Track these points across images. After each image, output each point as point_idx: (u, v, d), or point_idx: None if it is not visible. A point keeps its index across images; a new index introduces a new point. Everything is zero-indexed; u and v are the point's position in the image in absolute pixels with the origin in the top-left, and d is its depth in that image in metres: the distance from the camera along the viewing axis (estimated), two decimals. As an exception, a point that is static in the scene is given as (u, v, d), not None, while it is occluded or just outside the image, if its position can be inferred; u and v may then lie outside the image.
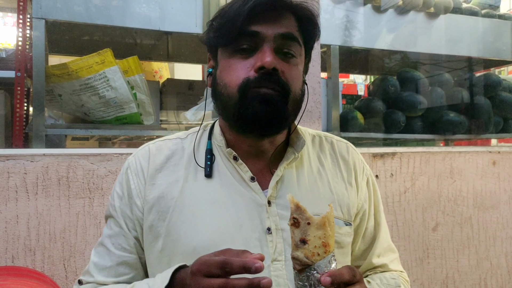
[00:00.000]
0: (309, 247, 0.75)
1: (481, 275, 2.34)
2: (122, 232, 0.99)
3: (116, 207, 1.00)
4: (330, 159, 1.07)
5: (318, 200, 0.99)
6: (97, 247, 1.02)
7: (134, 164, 1.02)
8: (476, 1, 3.06)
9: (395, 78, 2.82)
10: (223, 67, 0.94)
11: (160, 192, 0.97)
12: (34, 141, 1.79)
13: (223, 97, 0.93)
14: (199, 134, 1.05)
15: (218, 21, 0.94)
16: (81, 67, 1.87)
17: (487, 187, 2.36)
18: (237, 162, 0.98)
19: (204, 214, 0.94)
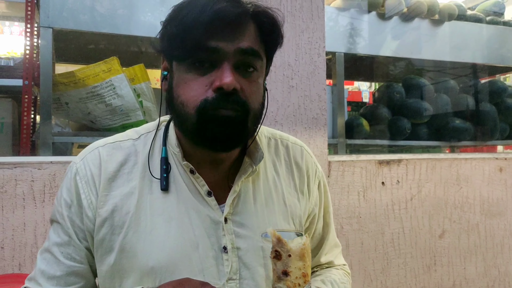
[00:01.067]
0: (290, 278, 0.77)
1: (488, 282, 2.32)
2: (72, 242, 0.92)
3: (64, 215, 0.92)
4: (285, 166, 1.05)
5: (272, 215, 0.98)
6: (44, 252, 0.95)
7: (84, 170, 0.93)
8: (481, 8, 3.07)
9: (400, 85, 2.83)
10: (179, 81, 0.87)
11: (114, 205, 0.90)
12: (41, 148, 1.80)
13: (180, 114, 0.88)
14: (152, 136, 0.98)
15: (173, 29, 0.85)
16: (88, 75, 1.88)
17: (494, 193, 2.35)
18: (194, 175, 0.93)
19: (161, 231, 0.89)
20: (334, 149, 2.42)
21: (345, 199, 2.05)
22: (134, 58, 2.61)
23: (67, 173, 0.96)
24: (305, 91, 1.96)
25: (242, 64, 0.86)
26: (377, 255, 2.10)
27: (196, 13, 0.82)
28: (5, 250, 1.54)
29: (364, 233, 2.08)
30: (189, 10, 0.83)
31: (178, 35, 0.84)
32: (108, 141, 0.97)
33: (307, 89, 1.97)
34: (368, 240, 2.08)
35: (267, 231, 0.81)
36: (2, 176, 1.56)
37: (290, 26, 1.95)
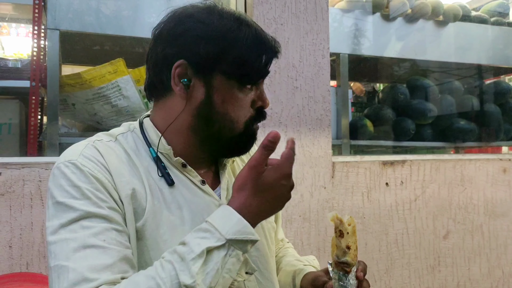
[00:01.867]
0: (351, 251, 0.93)
1: (492, 283, 2.32)
2: (114, 226, 0.84)
3: (97, 202, 0.84)
4: (246, 156, 1.14)
5: None
6: (75, 253, 0.80)
7: (90, 162, 0.89)
8: (485, 9, 3.07)
9: (404, 86, 2.83)
10: (228, 99, 0.94)
11: (131, 190, 0.89)
12: (48, 149, 1.82)
13: (225, 127, 0.95)
14: (130, 136, 1.00)
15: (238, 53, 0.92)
16: (94, 77, 1.90)
17: (498, 194, 2.35)
18: (186, 168, 0.98)
19: (175, 217, 0.93)
20: (338, 150, 2.43)
21: (349, 200, 2.05)
22: (139, 59, 2.62)
23: (69, 171, 0.87)
24: (309, 92, 1.97)
25: None
26: (381, 256, 2.11)
27: (265, 43, 0.95)
28: (13, 249, 1.57)
29: (368, 234, 2.09)
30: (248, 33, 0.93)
31: (255, 58, 0.94)
32: (91, 139, 0.95)
33: (311, 90, 1.98)
34: (372, 241, 2.09)
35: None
36: (10, 176, 1.58)
37: (294, 27, 1.96)
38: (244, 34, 0.93)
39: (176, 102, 0.96)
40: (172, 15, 0.98)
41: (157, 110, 1.01)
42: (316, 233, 1.97)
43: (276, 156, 0.86)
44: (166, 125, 0.98)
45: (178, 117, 0.96)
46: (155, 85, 0.98)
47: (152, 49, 0.98)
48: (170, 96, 0.97)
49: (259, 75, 0.96)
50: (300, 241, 1.93)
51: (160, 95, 0.99)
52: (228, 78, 0.94)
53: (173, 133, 0.98)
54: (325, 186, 1.99)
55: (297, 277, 1.09)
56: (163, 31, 0.97)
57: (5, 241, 1.56)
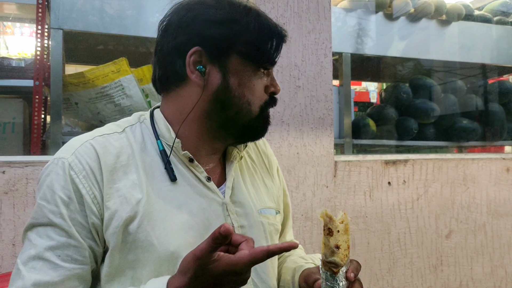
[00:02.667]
0: (341, 251, 0.88)
1: (495, 283, 2.32)
2: (72, 242, 0.86)
3: (63, 214, 0.86)
4: (255, 154, 1.15)
5: (260, 194, 1.08)
6: (30, 261, 0.85)
7: (79, 164, 0.88)
8: (488, 8, 3.06)
9: (407, 85, 2.83)
10: (245, 81, 0.96)
11: (122, 196, 0.89)
12: (51, 148, 1.83)
13: (241, 110, 0.96)
14: (138, 128, 0.99)
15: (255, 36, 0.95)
16: (97, 76, 1.91)
17: (501, 194, 2.35)
18: (192, 163, 0.97)
19: (173, 217, 0.91)
20: (340, 149, 2.43)
21: (351, 199, 2.06)
22: (143, 59, 2.63)
23: (54, 170, 0.89)
24: (311, 92, 1.98)
25: None
26: (383, 255, 2.11)
27: (274, 28, 0.97)
28: (16, 247, 1.57)
29: (370, 233, 2.09)
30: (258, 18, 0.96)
31: (266, 42, 0.96)
32: (94, 134, 0.94)
33: (314, 89, 1.98)
34: (374, 240, 2.09)
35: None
36: (14, 175, 1.59)
37: (296, 27, 1.97)
38: (254, 18, 0.95)
39: (191, 90, 0.95)
40: (179, 5, 0.97)
41: (169, 101, 0.99)
42: (318, 232, 1.97)
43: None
44: (179, 115, 0.97)
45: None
46: (168, 76, 0.97)
47: (161, 41, 0.98)
48: (184, 85, 0.96)
49: (271, 58, 0.97)
50: (302, 240, 1.94)
51: (172, 86, 0.97)
52: (244, 60, 0.95)
53: (184, 125, 0.97)
54: (327, 185, 2.00)
55: (296, 274, 1.08)
56: (172, 21, 0.97)
57: (8, 239, 1.57)
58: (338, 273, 0.89)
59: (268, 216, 1.06)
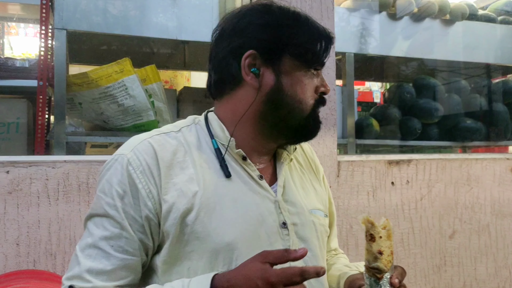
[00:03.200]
0: (384, 256, 0.88)
1: (499, 283, 2.31)
2: (124, 234, 0.92)
3: (117, 206, 0.92)
4: (302, 158, 1.18)
5: (308, 196, 1.10)
6: (87, 249, 0.92)
7: (137, 160, 0.95)
8: (492, 8, 3.05)
9: (411, 85, 2.82)
10: (297, 81, 1.00)
11: (178, 190, 0.94)
12: (55, 148, 1.84)
13: (293, 109, 1.00)
14: (194, 128, 1.05)
15: (305, 37, 1.00)
16: (101, 76, 1.91)
17: (505, 194, 2.34)
18: (245, 162, 1.02)
19: (229, 211, 0.95)
20: (344, 149, 2.43)
21: (354, 199, 2.05)
22: (146, 59, 2.64)
23: (114, 165, 0.96)
24: (314, 92, 1.97)
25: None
26: (387, 255, 2.11)
27: (323, 30, 1.02)
28: (20, 246, 1.58)
29: (374, 233, 2.08)
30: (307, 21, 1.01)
31: (316, 43, 1.00)
32: (152, 133, 1.01)
33: (317, 89, 1.98)
34: (377, 240, 2.09)
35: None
36: (18, 175, 1.60)
37: (300, 27, 1.96)
38: (304, 21, 1.01)
39: (246, 92, 1.01)
40: (231, 14, 1.04)
41: (223, 104, 1.05)
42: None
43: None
44: (233, 117, 1.02)
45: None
46: (224, 80, 1.03)
47: (215, 47, 1.05)
48: (239, 88, 1.01)
49: (321, 59, 1.01)
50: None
51: (227, 89, 1.03)
52: (295, 61, 1.00)
53: (238, 125, 1.02)
54: (331, 185, 1.99)
55: (341, 280, 1.09)
56: (225, 29, 1.03)
57: (12, 238, 1.58)
58: (382, 279, 0.89)
59: (318, 217, 1.09)
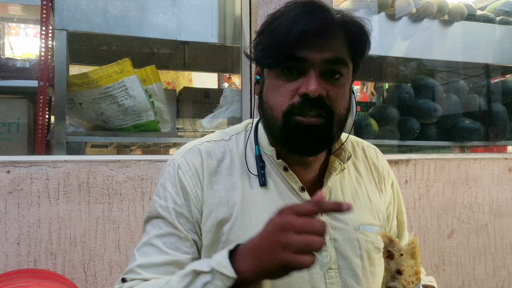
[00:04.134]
0: (404, 276, 0.80)
1: (498, 283, 2.32)
2: (177, 233, 0.95)
3: (169, 208, 0.96)
4: (364, 166, 1.11)
5: (360, 209, 1.03)
6: (142, 247, 0.97)
7: (186, 165, 0.99)
8: (491, 8, 3.06)
9: (409, 85, 2.83)
10: (269, 87, 0.95)
11: (219, 198, 0.96)
12: (55, 148, 1.85)
13: (269, 117, 0.95)
14: (243, 136, 1.05)
15: (265, 39, 0.93)
16: (101, 76, 1.92)
17: (503, 194, 2.35)
18: (287, 172, 0.99)
19: (263, 223, 0.91)
20: (343, 149, 2.43)
21: (353, 199, 2.06)
22: (146, 59, 2.65)
23: (167, 170, 1.00)
24: (313, 92, 1.98)
25: (328, 71, 0.91)
26: (385, 254, 2.11)
27: (287, 25, 0.88)
28: (21, 246, 1.59)
29: (372, 232, 2.09)
30: (281, 21, 0.90)
31: (270, 45, 0.91)
32: (203, 140, 1.04)
33: (316, 89, 1.99)
34: (376, 239, 2.10)
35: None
36: (18, 175, 1.61)
37: (298, 27, 1.97)
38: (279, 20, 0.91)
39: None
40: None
41: None
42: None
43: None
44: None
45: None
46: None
47: None
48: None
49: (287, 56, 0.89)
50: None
51: None
52: (270, 68, 0.94)
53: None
54: (329, 185, 2.00)
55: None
56: None
57: (13, 238, 1.59)
58: None
59: (366, 233, 1.01)
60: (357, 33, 0.93)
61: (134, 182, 1.71)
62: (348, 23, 0.92)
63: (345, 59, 0.92)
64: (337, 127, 0.94)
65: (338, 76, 0.92)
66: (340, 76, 0.92)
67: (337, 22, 0.90)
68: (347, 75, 0.94)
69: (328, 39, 0.90)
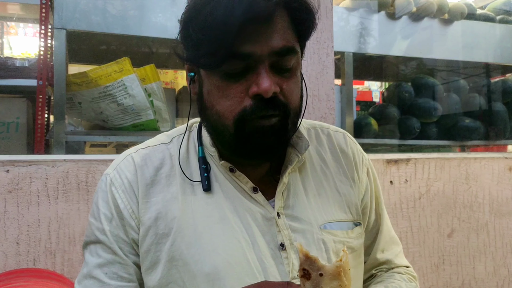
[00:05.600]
0: None
1: (498, 282, 2.32)
2: (117, 259, 0.85)
3: (106, 230, 0.85)
4: (330, 154, 0.98)
5: (327, 205, 0.92)
6: (83, 280, 0.86)
7: (119, 178, 0.87)
8: (491, 7, 3.05)
9: (409, 84, 2.83)
10: (211, 89, 0.81)
11: (157, 211, 0.84)
12: (55, 147, 1.84)
13: (215, 124, 0.82)
14: (185, 138, 0.93)
15: (197, 33, 0.77)
16: (100, 76, 1.92)
17: (503, 193, 2.34)
18: (234, 173, 0.87)
19: (211, 234, 0.83)
20: (342, 148, 2.43)
21: (353, 198, 2.06)
22: (145, 58, 2.65)
23: (101, 186, 0.89)
24: (313, 91, 1.98)
25: (278, 63, 0.79)
26: (385, 254, 2.11)
27: (222, 14, 0.73)
28: (20, 245, 1.59)
29: (372, 232, 2.09)
30: (212, 8, 0.75)
31: (204, 41, 0.76)
32: (139, 147, 0.93)
33: (316, 88, 1.99)
34: (376, 239, 2.09)
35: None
36: (17, 174, 1.60)
37: (298, 26, 1.97)
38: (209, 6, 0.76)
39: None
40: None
41: None
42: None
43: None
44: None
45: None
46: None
47: None
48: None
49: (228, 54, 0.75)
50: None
51: None
52: (208, 69, 0.80)
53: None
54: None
55: None
56: None
57: (12, 237, 1.58)
58: None
59: (334, 232, 0.89)
60: (303, 11, 0.81)
61: (133, 181, 1.70)
62: (291, 1, 0.79)
63: (294, 47, 0.80)
64: (292, 122, 0.84)
65: (289, 67, 0.81)
66: (290, 67, 0.81)
67: (279, 2, 0.77)
68: (297, 61, 0.83)
69: (272, 25, 0.76)
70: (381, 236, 1.03)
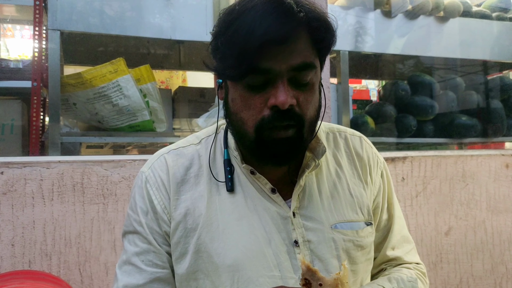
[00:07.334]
0: None
1: (496, 279, 2.32)
2: (152, 249, 0.95)
3: (142, 223, 0.96)
4: (346, 157, 1.06)
5: (339, 206, 0.99)
6: (123, 266, 0.97)
7: (153, 177, 0.98)
8: (487, 4, 3.06)
9: (405, 82, 2.83)
10: (236, 98, 0.89)
11: (186, 208, 0.94)
12: (50, 148, 1.84)
13: (239, 129, 0.91)
14: (213, 140, 1.01)
15: (224, 47, 0.86)
16: (95, 76, 1.92)
17: (500, 190, 2.34)
18: (255, 175, 0.95)
19: (233, 230, 0.92)
20: (339, 147, 2.43)
21: (350, 197, 2.05)
22: (141, 59, 2.65)
23: (137, 182, 1.00)
24: (309, 90, 1.98)
25: (296, 78, 0.86)
26: (383, 252, 2.11)
27: (246, 32, 0.81)
28: (15, 247, 1.58)
29: (370, 230, 2.09)
30: (238, 25, 0.83)
31: (229, 56, 0.84)
32: (171, 148, 1.02)
33: (311, 87, 1.98)
34: (373, 237, 2.09)
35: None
36: (12, 176, 1.60)
37: (293, 25, 1.97)
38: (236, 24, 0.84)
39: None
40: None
41: None
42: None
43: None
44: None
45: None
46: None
47: None
48: None
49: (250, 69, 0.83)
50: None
51: None
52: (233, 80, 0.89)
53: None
54: (326, 183, 2.00)
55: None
56: None
57: (7, 239, 1.58)
58: None
59: (344, 232, 0.96)
60: (322, 30, 0.87)
61: (129, 182, 1.70)
62: (312, 20, 0.86)
63: (313, 62, 0.87)
64: (308, 131, 0.90)
65: (307, 81, 0.87)
66: (308, 82, 0.88)
67: (300, 23, 0.84)
68: (316, 74, 0.89)
69: (292, 44, 0.84)
70: (392, 234, 1.10)
